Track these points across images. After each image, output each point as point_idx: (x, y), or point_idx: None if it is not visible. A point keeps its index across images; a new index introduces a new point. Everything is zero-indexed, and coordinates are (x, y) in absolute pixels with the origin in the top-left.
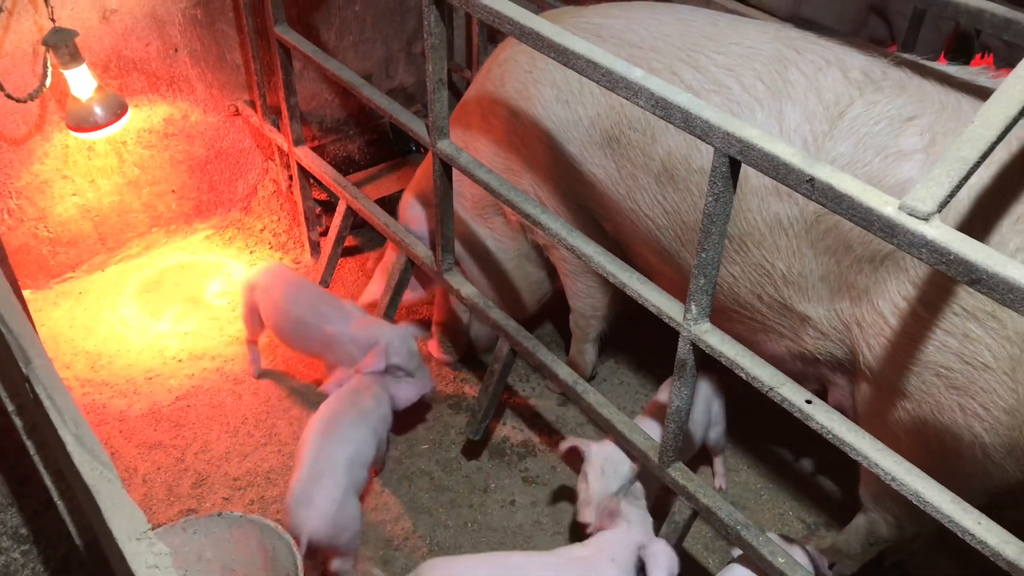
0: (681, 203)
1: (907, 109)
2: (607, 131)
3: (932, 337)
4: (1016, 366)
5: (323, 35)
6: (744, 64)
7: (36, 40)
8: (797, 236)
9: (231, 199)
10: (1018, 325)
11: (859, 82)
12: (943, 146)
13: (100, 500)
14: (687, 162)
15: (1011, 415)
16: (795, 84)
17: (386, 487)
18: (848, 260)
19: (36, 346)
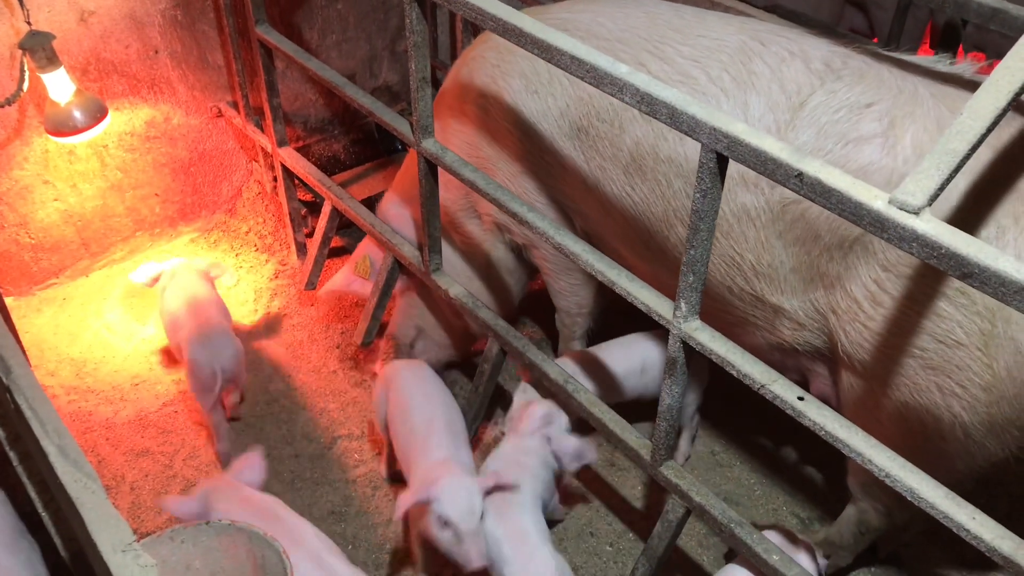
0: (649, 194)
1: (865, 96)
2: (576, 122)
3: (905, 318)
4: (988, 341)
5: (305, 34)
6: (710, 56)
7: (12, 44)
8: (764, 227)
9: (215, 201)
10: (987, 300)
11: (820, 72)
12: (901, 129)
13: (84, 512)
14: (655, 152)
15: (988, 391)
16: (759, 75)
17: (377, 490)
18: (817, 249)
19: (17, 355)
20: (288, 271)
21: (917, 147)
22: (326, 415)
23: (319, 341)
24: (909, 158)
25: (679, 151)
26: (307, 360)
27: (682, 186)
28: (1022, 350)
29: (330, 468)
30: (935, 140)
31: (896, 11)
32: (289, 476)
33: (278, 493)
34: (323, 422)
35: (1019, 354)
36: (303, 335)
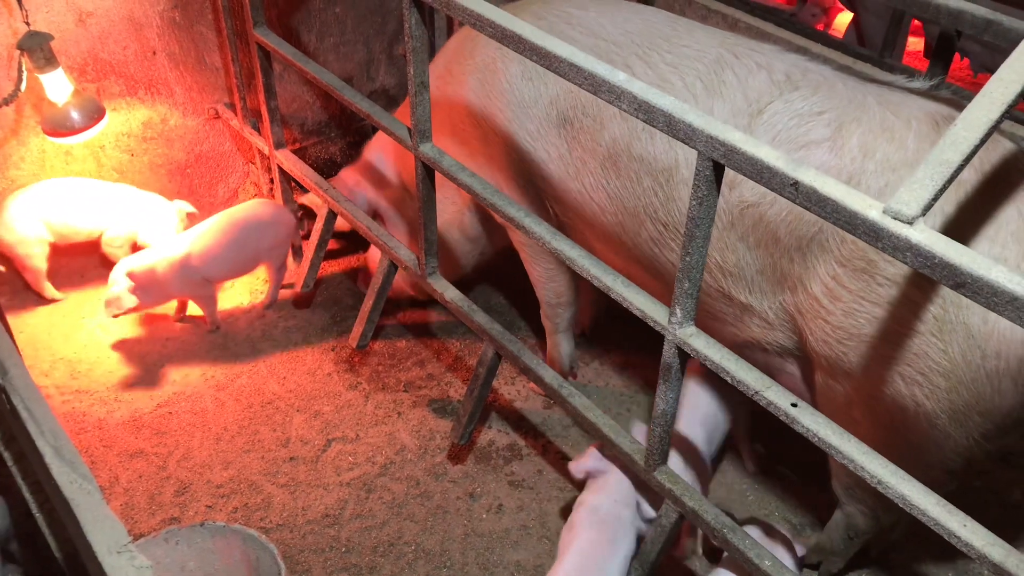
0: (623, 189)
1: (818, 105)
2: (563, 112)
3: (862, 311)
4: (942, 327)
5: (303, 37)
6: (689, 64)
7: (11, 44)
8: (725, 228)
9: (212, 203)
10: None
11: (780, 83)
12: (848, 132)
13: (79, 513)
14: (628, 150)
15: (946, 377)
16: (728, 84)
17: (372, 493)
18: (779, 251)
19: (13, 356)
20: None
21: (863, 147)
22: (321, 418)
23: (315, 344)
24: (856, 157)
25: (649, 150)
26: (302, 363)
27: (651, 184)
28: (973, 334)
29: (324, 471)
30: (879, 141)
31: (889, 22)
32: (283, 478)
33: (272, 495)
34: (318, 425)
35: (971, 338)
36: (298, 337)
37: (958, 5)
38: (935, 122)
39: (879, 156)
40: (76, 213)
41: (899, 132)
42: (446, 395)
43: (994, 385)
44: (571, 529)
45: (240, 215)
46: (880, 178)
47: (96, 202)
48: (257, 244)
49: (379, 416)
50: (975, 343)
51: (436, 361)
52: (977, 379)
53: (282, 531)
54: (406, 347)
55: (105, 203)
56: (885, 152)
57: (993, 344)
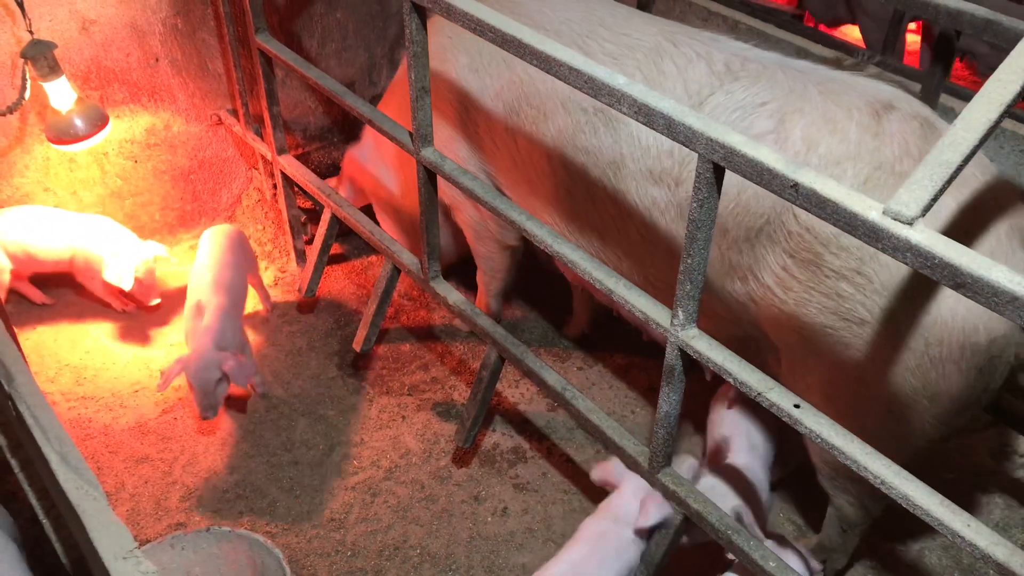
0: (570, 180)
1: (760, 96)
2: (509, 103)
3: (813, 301)
4: (888, 317)
5: (305, 42)
6: (628, 53)
7: (14, 52)
8: (673, 220)
9: (215, 209)
10: (883, 278)
11: (721, 73)
12: (791, 124)
13: (86, 519)
14: (572, 142)
15: (894, 362)
16: (667, 74)
17: (376, 497)
18: (727, 243)
19: (19, 363)
20: (288, 278)
21: (806, 140)
22: (325, 422)
23: (318, 348)
24: (800, 151)
25: (594, 143)
26: (306, 367)
27: (598, 176)
28: (918, 323)
29: (329, 475)
30: (822, 131)
31: (890, 22)
32: (288, 483)
33: (277, 499)
34: (322, 429)
35: (916, 328)
36: (302, 342)
37: (957, 5)
38: (876, 112)
39: (822, 149)
40: (39, 241)
41: (841, 123)
42: (450, 398)
43: (938, 371)
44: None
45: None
46: (824, 172)
47: (62, 232)
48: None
49: (383, 420)
50: (919, 331)
51: (440, 364)
52: (922, 365)
53: (287, 535)
54: (410, 351)
55: (71, 234)
56: (828, 145)
57: (935, 332)
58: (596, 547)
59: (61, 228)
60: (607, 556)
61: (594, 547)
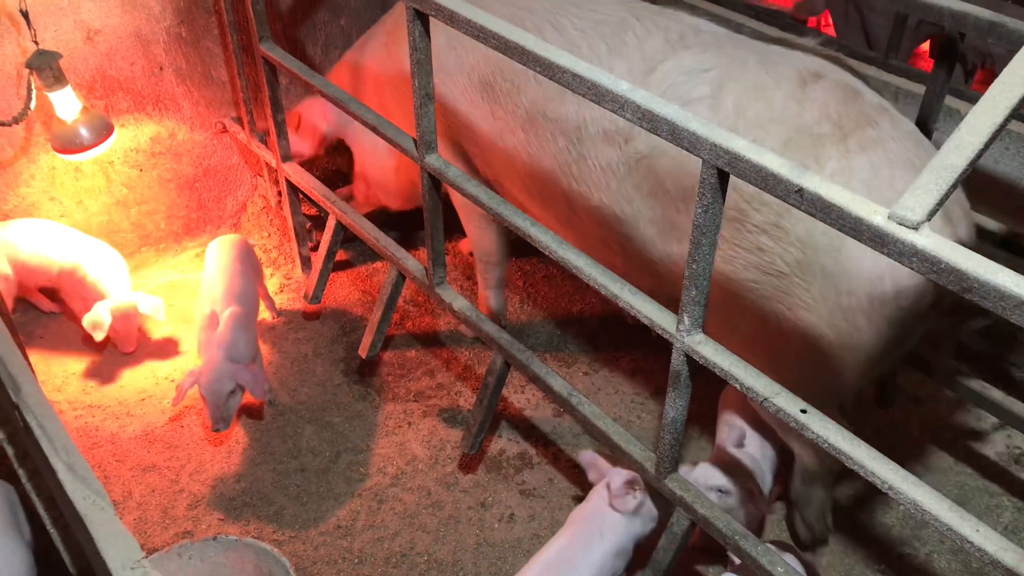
0: (540, 149)
1: (704, 64)
2: (484, 78)
3: (738, 257)
4: (804, 268)
5: (309, 50)
6: (594, 28)
7: (19, 63)
8: (623, 179)
9: (220, 216)
10: (799, 231)
11: (674, 43)
12: (726, 92)
13: (93, 529)
14: (544, 112)
15: (810, 312)
16: (628, 45)
17: (383, 504)
18: (666, 201)
19: (26, 373)
20: (293, 285)
21: (737, 106)
22: (331, 429)
23: (324, 355)
24: (730, 115)
25: (561, 111)
26: (312, 373)
27: (565, 143)
28: (828, 273)
29: (336, 482)
30: (752, 98)
31: (893, 24)
32: (295, 490)
33: (283, 507)
34: (328, 436)
35: (827, 278)
36: (308, 349)
37: (962, 7)
38: (803, 80)
39: (750, 114)
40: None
41: (768, 91)
42: (456, 404)
43: (849, 320)
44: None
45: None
46: (748, 134)
47: (60, 249)
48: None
49: (389, 426)
50: (831, 282)
51: (446, 370)
52: (835, 315)
53: (294, 543)
54: (415, 357)
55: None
56: (756, 110)
57: (845, 283)
58: (581, 530)
59: (59, 245)
60: (592, 537)
61: (579, 530)
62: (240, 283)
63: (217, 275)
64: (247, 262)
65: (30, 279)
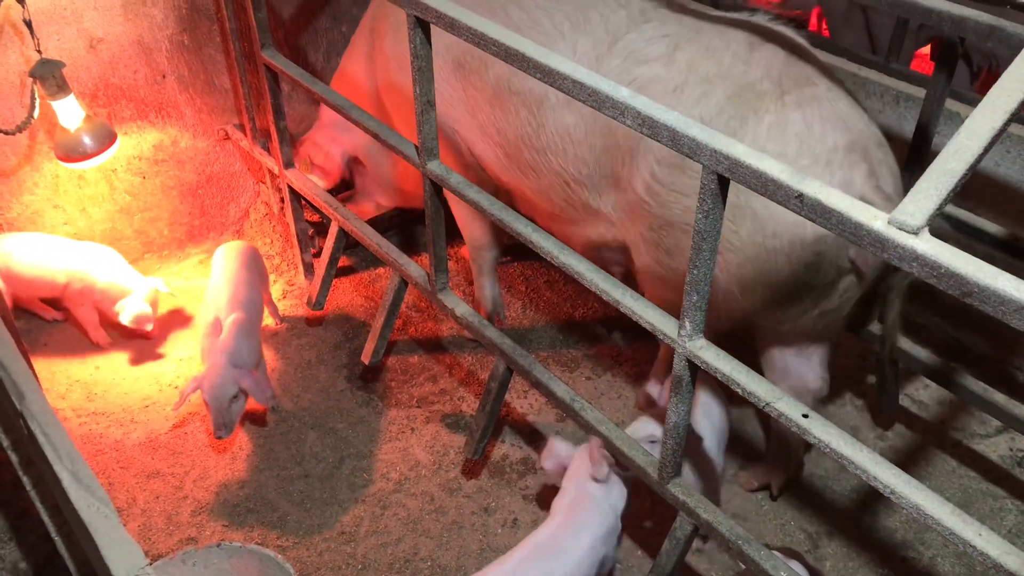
0: (505, 122)
1: (663, 30)
2: (457, 57)
3: (673, 202)
4: (735, 212)
5: (310, 57)
6: (557, 6)
7: (23, 72)
8: (580, 143)
9: (223, 223)
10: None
11: (636, 18)
12: (680, 52)
13: (97, 536)
14: (508, 85)
15: (736, 254)
16: (591, 21)
17: (386, 509)
18: (618, 155)
19: (30, 382)
20: (296, 291)
21: (690, 63)
22: (334, 434)
23: (327, 361)
24: (683, 71)
25: (526, 84)
26: (315, 380)
27: (526, 115)
28: (757, 216)
29: (339, 488)
30: (703, 57)
31: (894, 28)
32: (298, 496)
33: (287, 513)
34: (331, 441)
35: (756, 220)
36: (311, 355)
37: (961, 12)
38: (751, 44)
39: (701, 71)
40: (36, 267)
41: (718, 52)
42: (459, 410)
43: (772, 261)
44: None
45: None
46: (698, 88)
47: (60, 259)
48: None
49: (392, 432)
50: (759, 224)
51: (448, 376)
52: (759, 255)
53: (298, 549)
54: (418, 362)
55: (69, 261)
56: (706, 68)
57: (771, 225)
58: (568, 517)
59: (59, 255)
60: (579, 524)
61: (566, 517)
62: (245, 290)
63: (222, 282)
64: (253, 269)
65: (29, 291)
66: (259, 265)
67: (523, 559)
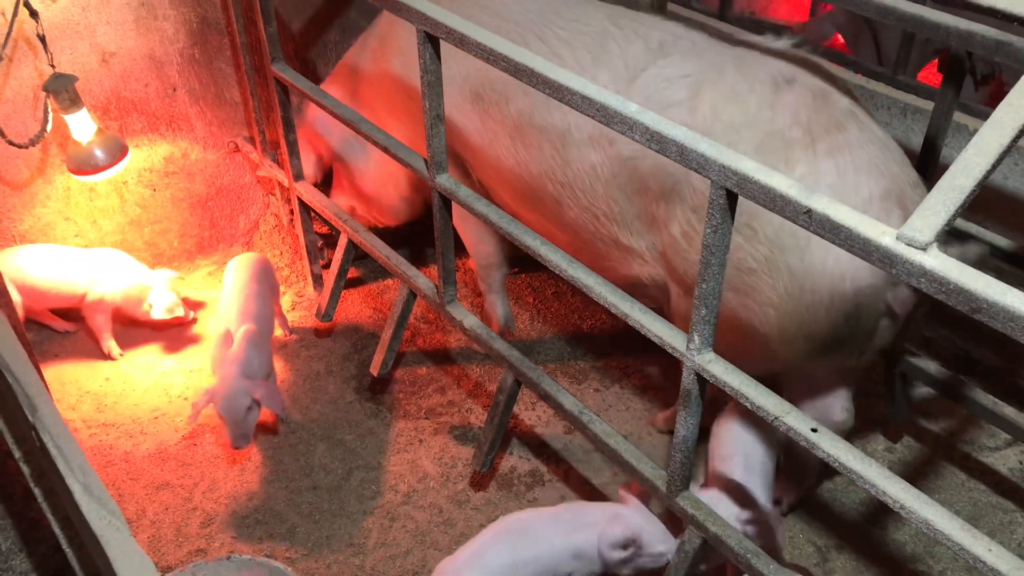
0: (527, 156)
1: (684, 69)
2: (475, 89)
3: None
4: (771, 266)
5: (320, 70)
6: (577, 38)
7: (36, 86)
8: (609, 180)
9: (233, 235)
10: (767, 231)
11: (655, 51)
12: (703, 96)
13: (108, 549)
14: (531, 121)
15: (775, 308)
16: (611, 53)
17: (395, 521)
18: (650, 197)
19: (42, 394)
20: (305, 303)
21: (713, 110)
22: (343, 446)
23: (336, 372)
24: (707, 118)
25: (548, 120)
26: (324, 391)
27: (549, 150)
28: (793, 272)
29: (348, 500)
30: (727, 102)
31: (900, 42)
32: (307, 508)
33: (296, 525)
34: (340, 453)
35: (792, 276)
36: (320, 366)
37: (968, 27)
38: (776, 84)
39: (725, 118)
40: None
41: (743, 96)
42: (467, 421)
43: (811, 315)
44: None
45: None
46: (724, 137)
47: (72, 269)
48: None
49: (401, 444)
50: (796, 280)
51: (456, 387)
52: (798, 310)
53: (307, 561)
54: (426, 374)
55: (84, 269)
56: (731, 114)
57: (809, 281)
58: (558, 513)
59: (76, 264)
60: (562, 526)
61: (556, 512)
62: (256, 303)
63: (233, 294)
64: (264, 281)
65: (44, 303)
66: (270, 277)
67: (495, 534)
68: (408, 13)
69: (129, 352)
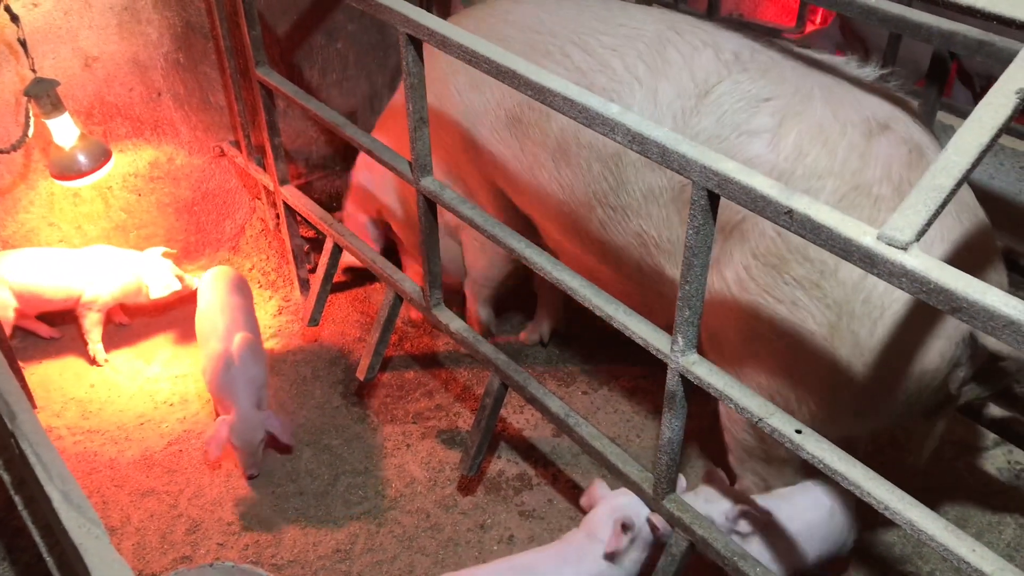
0: (573, 178)
1: (765, 91)
2: (511, 111)
3: (766, 304)
4: (834, 331)
5: (306, 73)
6: (628, 44)
7: (18, 90)
8: (666, 205)
9: (219, 239)
10: (836, 294)
11: (728, 63)
12: (788, 127)
13: (87, 557)
14: (576, 138)
15: (832, 373)
16: (672, 63)
17: (382, 527)
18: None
19: (22, 401)
20: (291, 307)
21: (797, 147)
22: (329, 451)
23: (322, 377)
24: (789, 156)
25: (597, 138)
26: (310, 396)
27: (600, 170)
28: (859, 343)
29: (334, 505)
30: (814, 141)
31: (887, 44)
32: (293, 514)
33: (282, 531)
34: (327, 458)
35: (857, 347)
36: (307, 371)
37: (950, 26)
38: (869, 129)
39: (809, 160)
40: (48, 281)
41: (832, 138)
42: (455, 426)
43: (866, 393)
44: None
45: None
46: (804, 183)
47: (67, 271)
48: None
49: (388, 448)
50: (860, 351)
51: (444, 391)
52: (854, 382)
53: (294, 567)
54: (414, 378)
55: (78, 270)
56: (816, 156)
57: (871, 358)
58: (558, 550)
59: (67, 265)
60: (566, 561)
61: (556, 550)
62: (241, 314)
63: (216, 309)
64: (241, 293)
65: (37, 307)
66: (245, 288)
67: (497, 571)
68: (390, 15)
69: (115, 358)
